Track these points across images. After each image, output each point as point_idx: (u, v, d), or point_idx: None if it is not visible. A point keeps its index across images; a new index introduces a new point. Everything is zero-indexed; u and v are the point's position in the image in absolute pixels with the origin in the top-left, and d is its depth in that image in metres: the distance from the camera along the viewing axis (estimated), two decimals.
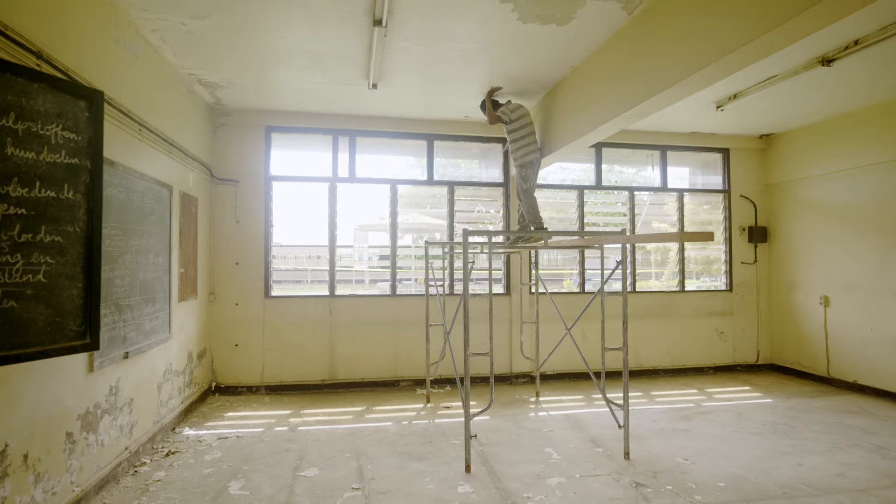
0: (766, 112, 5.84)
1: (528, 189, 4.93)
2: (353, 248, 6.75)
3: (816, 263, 6.31)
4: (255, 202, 5.87)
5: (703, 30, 3.04)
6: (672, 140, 6.75)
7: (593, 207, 6.77)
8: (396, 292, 6.19)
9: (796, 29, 2.61)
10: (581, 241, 4.00)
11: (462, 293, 3.66)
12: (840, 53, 4.12)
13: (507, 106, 4.96)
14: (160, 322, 4.17)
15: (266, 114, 5.86)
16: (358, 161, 6.17)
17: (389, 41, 3.97)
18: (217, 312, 5.74)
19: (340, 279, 6.09)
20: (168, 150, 4.37)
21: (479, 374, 6.10)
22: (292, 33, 3.87)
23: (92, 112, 2.09)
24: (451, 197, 6.36)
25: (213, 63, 4.46)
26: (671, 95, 3.57)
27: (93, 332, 2.07)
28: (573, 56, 4.28)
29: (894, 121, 5.33)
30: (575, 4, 3.42)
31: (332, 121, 6.00)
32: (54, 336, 1.92)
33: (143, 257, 3.79)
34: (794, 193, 6.64)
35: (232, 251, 5.80)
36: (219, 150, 5.79)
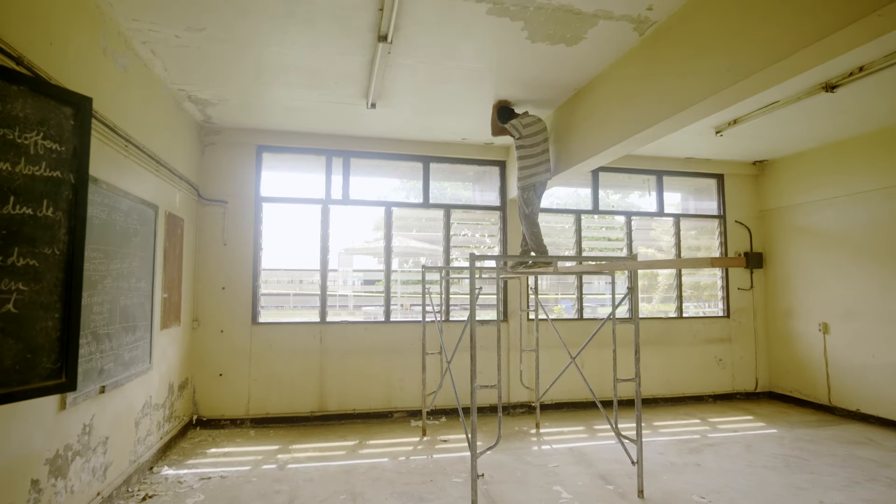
0: (763, 138, 5.85)
1: (531, 214, 4.74)
2: (338, 271, 6.50)
3: (814, 290, 6.27)
4: (244, 224, 5.62)
5: (718, 54, 2.97)
6: (668, 165, 6.73)
7: (587, 232, 6.68)
8: (390, 318, 5.95)
9: (811, 57, 2.56)
10: (594, 266, 3.84)
11: (468, 320, 3.45)
12: (844, 80, 4.12)
13: (521, 118, 4.59)
14: (140, 352, 3.87)
15: (258, 133, 5.67)
16: (352, 183, 5.99)
17: (392, 59, 3.85)
18: (201, 340, 5.42)
19: (330, 304, 5.83)
20: (155, 168, 4.13)
21: (468, 406, 5.83)
22: (291, 49, 3.72)
23: (78, 120, 1.88)
24: (447, 220, 6.20)
25: (206, 79, 4.27)
26: (681, 120, 3.49)
27: (69, 369, 1.80)
28: (580, 77, 4.21)
29: (889, 148, 5.37)
30: (587, 24, 3.34)
31: (326, 141, 5.83)
32: (24, 375, 1.65)
33: (124, 282, 3.52)
34: (789, 219, 6.64)
35: (218, 275, 5.51)
36: (207, 170, 5.55)
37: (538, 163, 4.61)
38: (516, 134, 4.58)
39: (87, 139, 1.92)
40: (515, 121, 4.57)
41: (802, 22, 2.45)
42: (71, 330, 1.78)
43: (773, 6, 2.58)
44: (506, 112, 4.67)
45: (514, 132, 4.59)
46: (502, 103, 4.73)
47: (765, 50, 2.66)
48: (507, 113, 4.67)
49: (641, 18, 3.28)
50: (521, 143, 4.61)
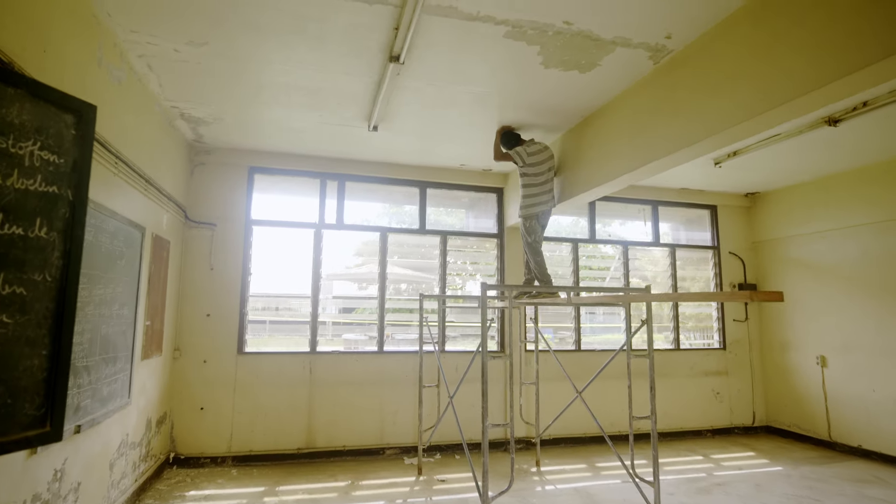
0: (757, 170, 5.90)
1: (534, 243, 4.61)
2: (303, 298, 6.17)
3: (810, 322, 6.26)
4: (233, 248, 5.36)
5: (738, 86, 2.93)
6: (663, 195, 6.74)
7: (584, 261, 6.58)
8: (384, 348, 5.70)
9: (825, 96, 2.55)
10: (610, 297, 3.71)
11: (480, 352, 3.26)
12: (847, 115, 4.16)
13: (527, 146, 4.47)
14: (119, 385, 3.55)
15: (250, 154, 5.47)
16: (346, 207, 5.80)
17: (400, 80, 3.73)
18: (182, 371, 5.07)
19: (302, 331, 5.54)
20: (144, 187, 3.89)
21: (469, 441, 5.57)
22: (296, 67, 3.58)
23: (80, 130, 1.67)
24: (443, 247, 6.04)
25: (202, 96, 4.09)
26: (695, 151, 3.44)
27: (55, 417, 1.53)
28: (589, 104, 4.16)
29: (880, 183, 5.45)
30: (604, 51, 3.29)
31: (321, 164, 5.66)
32: (2, 425, 1.39)
33: (106, 308, 3.24)
34: (782, 251, 6.68)
35: (203, 301, 5.21)
36: (196, 191, 5.31)
37: (542, 192, 4.50)
38: (520, 161, 4.47)
39: (89, 151, 1.71)
40: (521, 148, 4.46)
41: (828, 56, 2.42)
42: (59, 370, 1.52)
43: (801, 40, 2.55)
44: (511, 137, 4.53)
45: (518, 159, 4.48)
46: (506, 128, 4.64)
47: (789, 83, 2.62)
48: (513, 138, 4.53)
49: (658, 47, 3.25)
50: (525, 171, 4.50)
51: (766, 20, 2.71)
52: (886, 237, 5.42)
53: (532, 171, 4.47)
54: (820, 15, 2.46)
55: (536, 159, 4.45)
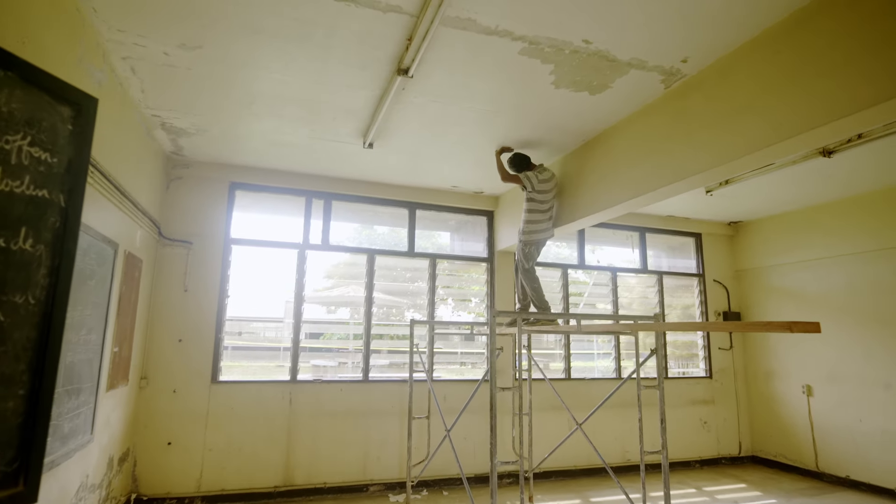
0: (743, 199, 5.97)
1: (530, 269, 4.49)
2: (283, 322, 5.88)
3: (795, 351, 6.30)
4: (210, 268, 5.00)
5: (742, 118, 2.92)
6: (650, 222, 6.75)
7: (572, 287, 6.49)
8: (369, 377, 5.38)
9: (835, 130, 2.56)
10: (618, 327, 3.57)
11: (490, 381, 3.04)
12: (842, 146, 4.23)
13: (538, 172, 4.37)
14: (82, 420, 3.15)
15: (232, 169, 5.17)
16: (332, 227, 5.54)
17: (403, 95, 3.57)
18: (149, 402, 4.63)
19: (282, 358, 5.20)
20: (119, 200, 3.56)
21: (454, 476, 5.27)
22: (295, 77, 3.37)
23: (78, 125, 1.41)
24: (432, 271, 5.83)
25: (188, 105, 3.82)
26: (694, 182, 3.45)
27: (31, 473, 1.20)
28: (594, 127, 4.09)
29: (865, 213, 5.57)
30: (618, 72, 3.22)
31: (308, 181, 5.41)
32: None
33: (74, 334, 2.88)
34: (765, 280, 6.76)
35: (176, 325, 4.81)
36: (171, 206, 4.96)
37: (546, 219, 4.44)
38: (529, 186, 4.36)
39: (87, 151, 1.45)
40: (532, 173, 4.35)
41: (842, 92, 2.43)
42: (39, 414, 1.21)
43: (817, 72, 2.54)
44: (522, 160, 4.41)
45: (528, 184, 4.36)
46: (505, 149, 4.52)
47: (800, 115, 2.63)
48: (524, 162, 4.41)
49: (672, 70, 3.20)
50: (532, 197, 4.39)
51: (783, 50, 2.69)
52: (872, 267, 5.53)
53: (539, 197, 4.37)
54: (836, 52, 2.46)
55: (545, 187, 4.37)
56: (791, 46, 2.66)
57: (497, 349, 3.11)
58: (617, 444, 6.05)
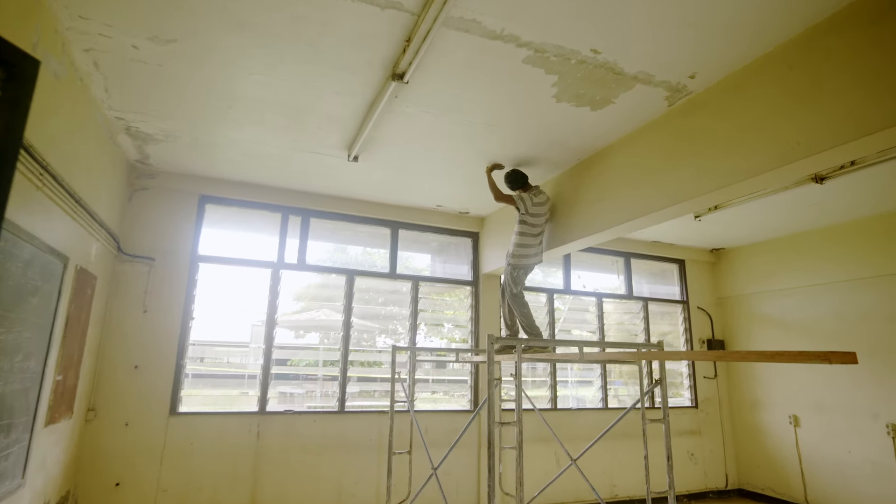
0: (729, 225, 5.94)
1: (519, 294, 4.27)
2: (250, 347, 5.46)
3: (781, 380, 6.22)
4: (174, 287, 4.59)
5: (748, 139, 2.82)
6: (635, 247, 6.66)
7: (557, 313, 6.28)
8: (345, 407, 4.99)
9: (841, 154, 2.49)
10: (619, 355, 3.34)
11: (487, 414, 2.75)
12: (834, 172, 4.20)
13: (533, 193, 4.13)
14: (12, 462, 2.70)
15: (203, 181, 4.81)
16: (309, 246, 5.21)
17: (395, 104, 3.35)
18: (96, 437, 4.13)
19: (234, 384, 4.77)
20: (72, 209, 3.18)
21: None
22: (280, 79, 3.10)
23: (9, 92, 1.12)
24: (414, 294, 5.54)
25: (157, 107, 3.49)
26: (691, 206, 3.37)
27: None
28: (592, 145, 3.94)
29: (849, 241, 5.59)
30: (623, 87, 3.08)
31: (284, 196, 5.08)
32: None
33: (6, 360, 2.47)
34: (748, 307, 6.71)
35: (132, 350, 4.35)
36: (133, 219, 4.55)
37: (536, 244, 4.24)
38: (522, 208, 4.13)
39: (21, 125, 1.15)
40: (527, 195, 4.14)
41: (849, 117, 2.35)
42: None
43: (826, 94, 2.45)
44: (518, 178, 4.19)
45: (522, 206, 4.13)
46: (496, 166, 4.31)
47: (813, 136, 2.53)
48: (521, 180, 4.20)
49: (679, 86, 3.08)
50: (525, 220, 4.17)
51: (797, 66, 2.59)
52: (857, 295, 5.51)
53: (532, 220, 4.17)
54: (844, 77, 2.37)
55: (539, 210, 4.17)
56: (803, 65, 2.56)
57: (495, 379, 2.83)
58: (605, 478, 5.78)
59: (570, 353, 3.69)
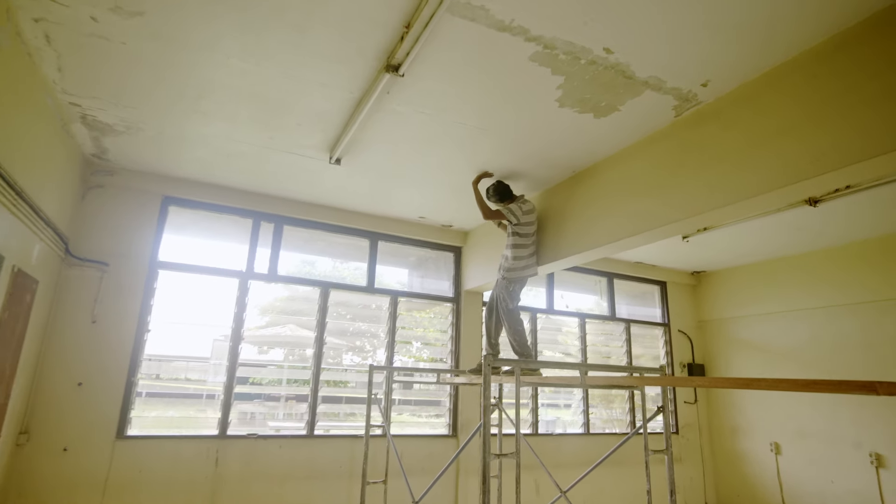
0: (717, 248, 5.87)
1: (515, 310, 4.03)
2: (210, 363, 5.01)
3: (761, 406, 6.12)
4: (129, 295, 4.14)
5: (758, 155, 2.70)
6: (618, 268, 6.52)
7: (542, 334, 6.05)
8: (315, 431, 4.59)
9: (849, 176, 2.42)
10: (622, 380, 3.10)
11: (482, 450, 2.45)
12: (829, 196, 4.14)
13: (520, 203, 3.96)
14: None
15: (167, 180, 4.41)
16: (282, 256, 4.85)
17: (386, 102, 3.09)
18: (28, 463, 3.62)
19: (191, 404, 4.34)
20: (12, 202, 2.78)
21: None
22: (259, 66, 2.80)
23: None
24: (393, 310, 5.21)
25: (118, 93, 3.13)
26: (689, 224, 3.25)
27: None
28: (589, 156, 3.76)
29: (830, 267, 5.57)
30: (631, 92, 2.91)
31: (257, 201, 4.72)
32: None
33: None
34: (727, 331, 6.64)
35: (77, 364, 3.88)
36: (86, 220, 4.11)
37: (530, 254, 4.02)
38: (514, 219, 3.93)
39: None
40: (514, 205, 3.94)
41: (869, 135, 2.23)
42: None
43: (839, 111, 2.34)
44: (505, 190, 4.00)
45: (513, 217, 3.93)
46: (483, 176, 4.07)
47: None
48: (507, 192, 4.01)
49: (689, 95, 2.93)
50: (518, 231, 3.97)
51: (819, 75, 2.46)
52: (837, 322, 5.47)
53: (524, 230, 3.97)
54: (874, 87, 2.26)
55: (530, 219, 3.99)
56: (828, 74, 2.43)
57: (491, 404, 2.55)
58: None
59: (568, 377, 3.44)
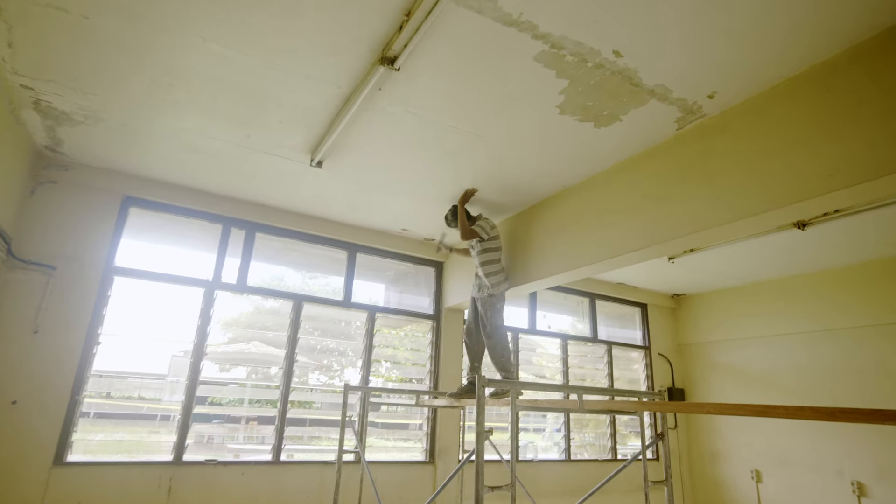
0: (699, 270, 5.82)
1: (501, 326, 3.86)
2: (167, 380, 4.57)
3: (741, 432, 6.04)
4: (78, 304, 3.74)
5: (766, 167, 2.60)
6: (600, 288, 6.41)
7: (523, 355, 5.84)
8: (280, 457, 4.22)
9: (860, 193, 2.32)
10: (621, 404, 2.91)
11: (476, 483, 2.20)
12: (817, 219, 4.12)
13: (481, 220, 3.99)
14: None
15: (129, 179, 4.06)
16: (252, 265, 4.52)
17: (377, 100, 2.87)
18: None
19: (143, 425, 3.94)
20: None
21: None
22: (240, 52, 2.55)
23: None
24: (370, 326, 4.92)
25: (77, 76, 2.82)
26: (686, 242, 3.14)
27: None
28: (586, 169, 3.61)
29: (813, 293, 5.57)
30: (635, 101, 2.78)
31: (228, 206, 4.40)
32: None
33: None
34: (708, 356, 6.58)
35: (11, 380, 3.44)
36: (34, 218, 3.71)
37: (503, 269, 4.02)
38: (485, 235, 3.93)
39: None
40: (481, 222, 3.96)
41: None
42: None
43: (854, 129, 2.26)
44: (467, 212, 4.06)
45: (483, 233, 3.93)
46: (470, 195, 4.01)
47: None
48: (468, 214, 4.08)
49: (694, 107, 2.82)
50: (489, 246, 3.95)
51: (834, 88, 2.38)
52: (817, 347, 5.46)
53: (493, 245, 3.96)
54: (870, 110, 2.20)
55: (495, 233, 4.00)
56: (843, 87, 2.35)
57: (486, 431, 2.31)
58: None
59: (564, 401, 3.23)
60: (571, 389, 2.76)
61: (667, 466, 2.86)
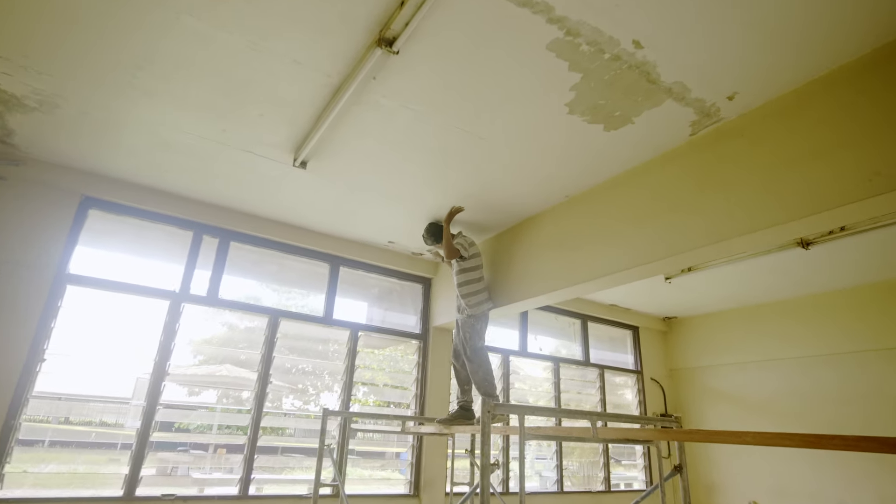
0: (695, 291, 5.64)
1: (482, 348, 3.67)
2: (131, 403, 4.09)
3: (738, 462, 5.79)
4: (22, 315, 3.31)
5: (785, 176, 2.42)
6: (592, 310, 6.19)
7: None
8: (249, 490, 3.78)
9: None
10: (632, 432, 2.62)
11: None
12: (822, 238, 3.98)
13: (460, 237, 3.84)
14: None
15: (89, 177, 3.68)
16: (225, 277, 4.15)
17: (369, 91, 2.61)
18: None
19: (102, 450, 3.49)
20: None
21: None
22: (222, 30, 2.27)
23: None
24: (352, 346, 4.56)
25: (31, 54, 2.49)
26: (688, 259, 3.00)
27: None
28: (590, 177, 3.40)
29: (809, 317, 5.43)
30: (651, 101, 2.58)
31: (200, 211, 4.05)
32: None
33: None
34: (701, 381, 6.37)
35: None
36: None
37: (484, 288, 3.83)
38: (466, 253, 3.75)
39: None
40: (460, 238, 3.80)
41: None
42: None
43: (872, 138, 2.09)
44: (437, 231, 3.88)
45: (464, 251, 3.76)
46: (456, 212, 3.82)
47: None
48: (440, 232, 3.86)
49: (711, 110, 2.64)
50: (471, 265, 3.79)
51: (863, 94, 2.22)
52: (814, 372, 5.29)
53: (473, 263, 3.80)
54: None
55: (475, 250, 3.83)
56: (872, 89, 2.19)
57: (492, 463, 1.99)
58: None
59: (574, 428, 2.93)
60: (583, 415, 2.45)
61: (686, 501, 2.57)
